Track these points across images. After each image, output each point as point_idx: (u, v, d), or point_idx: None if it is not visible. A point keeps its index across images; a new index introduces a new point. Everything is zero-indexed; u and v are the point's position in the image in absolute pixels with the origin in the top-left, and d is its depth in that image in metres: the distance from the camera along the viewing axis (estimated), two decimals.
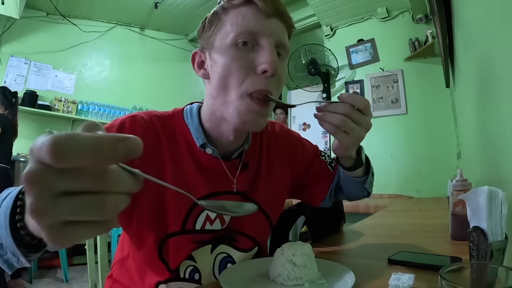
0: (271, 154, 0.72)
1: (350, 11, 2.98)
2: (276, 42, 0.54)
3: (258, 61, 0.53)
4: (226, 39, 0.54)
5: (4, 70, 3.22)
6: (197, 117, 0.63)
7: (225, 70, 0.53)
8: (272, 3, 0.54)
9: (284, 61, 0.59)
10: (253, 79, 0.53)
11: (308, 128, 3.47)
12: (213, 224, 0.63)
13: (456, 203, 0.77)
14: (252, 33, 0.53)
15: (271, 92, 0.54)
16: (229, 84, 0.54)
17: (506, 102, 0.58)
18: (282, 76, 0.57)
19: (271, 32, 0.54)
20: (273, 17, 0.55)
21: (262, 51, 0.53)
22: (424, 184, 2.51)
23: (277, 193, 0.73)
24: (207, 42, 0.58)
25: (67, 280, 2.53)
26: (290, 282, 0.51)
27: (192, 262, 0.63)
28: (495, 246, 0.43)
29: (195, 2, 3.69)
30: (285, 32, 0.58)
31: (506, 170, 0.62)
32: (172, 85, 4.32)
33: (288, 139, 0.77)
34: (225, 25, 0.55)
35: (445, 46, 1.63)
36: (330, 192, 0.77)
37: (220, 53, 0.55)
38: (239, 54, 0.53)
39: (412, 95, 2.72)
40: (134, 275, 0.65)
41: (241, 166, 0.66)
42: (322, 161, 0.79)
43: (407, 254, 0.64)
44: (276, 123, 0.79)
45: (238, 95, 0.53)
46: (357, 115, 0.54)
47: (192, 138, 0.62)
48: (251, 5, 0.54)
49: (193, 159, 0.61)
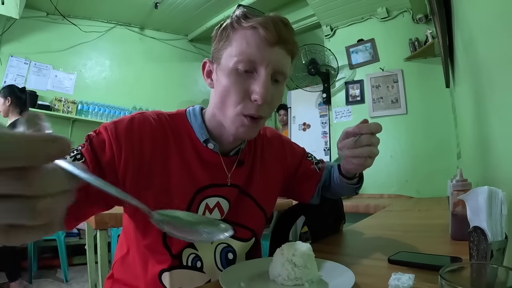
0: (264, 155, 0.79)
1: (350, 11, 2.98)
2: (273, 70, 0.59)
3: (253, 89, 0.58)
4: (229, 62, 0.58)
5: (4, 70, 3.22)
6: (200, 117, 0.69)
7: (225, 91, 0.60)
8: (277, 31, 0.57)
9: (281, 84, 0.63)
10: (247, 104, 0.59)
11: (308, 128, 3.47)
12: (212, 212, 0.67)
13: (456, 203, 0.77)
14: (252, 62, 0.57)
15: (261, 115, 0.61)
16: (227, 103, 0.60)
17: (505, 102, 0.58)
18: (276, 100, 0.63)
19: (269, 62, 0.58)
20: (275, 46, 0.58)
21: (257, 81, 0.58)
22: (424, 184, 2.51)
23: (270, 189, 0.79)
24: (216, 55, 0.62)
25: (67, 280, 2.53)
26: (290, 282, 0.51)
27: (194, 250, 0.66)
28: (495, 246, 0.43)
29: (195, 2, 3.69)
30: (286, 59, 0.61)
31: (506, 170, 0.62)
32: (172, 85, 4.33)
33: (279, 142, 0.84)
34: (232, 45, 0.59)
35: (445, 46, 1.63)
36: (317, 191, 0.84)
37: (223, 73, 0.60)
38: (238, 80, 0.58)
39: (412, 95, 2.72)
40: (137, 268, 0.66)
41: (237, 162, 0.71)
42: (309, 162, 0.86)
43: (407, 254, 0.64)
44: (267, 128, 0.86)
45: (234, 113, 0.60)
46: (375, 139, 0.63)
47: (195, 135, 0.67)
48: (257, 29, 0.57)
49: (196, 154, 0.66)
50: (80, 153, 0.56)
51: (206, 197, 0.66)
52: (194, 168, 0.65)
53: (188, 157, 0.65)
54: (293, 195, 0.89)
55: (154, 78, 4.21)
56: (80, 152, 0.56)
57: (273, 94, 0.60)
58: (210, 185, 0.67)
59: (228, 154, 0.70)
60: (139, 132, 0.61)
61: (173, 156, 0.64)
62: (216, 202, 0.67)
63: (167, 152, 0.64)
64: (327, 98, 3.22)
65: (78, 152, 0.56)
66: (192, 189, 0.64)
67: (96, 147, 0.57)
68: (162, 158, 0.63)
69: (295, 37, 0.62)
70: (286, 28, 0.59)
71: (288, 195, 0.89)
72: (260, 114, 0.60)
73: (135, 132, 0.61)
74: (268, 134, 0.83)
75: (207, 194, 0.66)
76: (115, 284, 0.71)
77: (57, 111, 3.40)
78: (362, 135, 0.61)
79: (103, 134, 0.59)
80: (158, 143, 0.63)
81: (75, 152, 0.56)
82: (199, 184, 0.65)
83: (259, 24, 0.56)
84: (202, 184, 0.66)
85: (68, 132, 3.55)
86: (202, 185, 0.65)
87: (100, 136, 0.59)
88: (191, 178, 0.65)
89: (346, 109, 3.10)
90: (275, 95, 0.61)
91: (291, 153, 0.84)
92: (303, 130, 3.48)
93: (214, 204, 0.67)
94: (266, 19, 0.57)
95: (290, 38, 0.60)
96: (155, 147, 0.62)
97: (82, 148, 0.57)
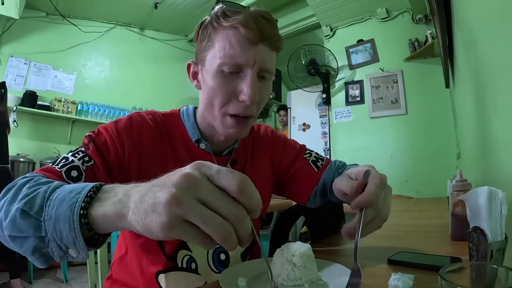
0: (255, 153, 0.77)
1: (350, 11, 2.98)
2: (259, 68, 0.58)
3: (240, 89, 0.58)
4: (214, 63, 0.58)
5: (4, 71, 3.22)
6: (193, 116, 0.69)
7: (211, 92, 0.59)
8: (258, 28, 0.55)
9: (268, 81, 0.62)
10: (234, 104, 0.59)
11: (308, 129, 3.47)
12: None
13: (456, 203, 0.77)
14: (237, 64, 0.56)
15: (250, 114, 0.61)
16: (215, 104, 0.60)
17: (505, 102, 0.58)
18: (264, 98, 0.62)
19: (254, 61, 0.56)
20: (259, 43, 0.56)
21: (244, 81, 0.57)
22: (424, 184, 2.52)
23: (262, 188, 0.75)
24: (200, 57, 0.62)
25: (66, 281, 2.53)
26: (290, 283, 0.51)
27: (188, 251, 0.66)
28: (495, 246, 0.43)
29: (195, 2, 3.69)
30: (271, 55, 0.60)
31: (506, 170, 0.62)
32: (172, 85, 4.33)
33: (270, 138, 0.81)
34: (214, 46, 0.58)
35: (445, 46, 1.63)
36: (314, 193, 0.76)
37: (209, 75, 0.59)
38: (224, 82, 0.58)
39: (412, 95, 2.72)
40: (134, 269, 0.66)
41: (230, 162, 0.71)
42: (304, 159, 0.79)
43: (407, 254, 0.64)
44: (262, 125, 0.84)
45: (221, 114, 0.60)
46: (382, 196, 0.52)
47: (187, 135, 0.68)
48: (238, 29, 0.55)
49: (188, 154, 0.67)
50: (88, 156, 0.55)
51: None
52: None
53: (181, 157, 0.66)
54: (289, 194, 0.83)
55: (154, 78, 4.21)
56: (86, 154, 0.56)
57: (261, 92, 0.59)
58: None
59: (221, 154, 0.70)
60: (138, 130, 0.62)
61: (168, 156, 0.65)
62: None
63: (163, 151, 0.65)
64: (327, 98, 3.22)
65: (84, 154, 0.56)
66: None
67: (100, 147, 0.58)
68: (159, 156, 0.64)
69: (278, 31, 0.60)
70: (268, 23, 0.57)
71: (284, 194, 0.84)
72: (249, 113, 0.60)
73: (134, 130, 0.62)
74: (261, 131, 0.81)
75: None
76: (114, 285, 0.71)
77: (57, 111, 3.40)
78: (367, 209, 0.50)
79: (103, 134, 0.59)
80: (154, 142, 0.64)
81: (80, 154, 0.55)
82: None
83: (239, 24, 0.55)
84: None
85: (68, 132, 3.55)
86: None
87: (101, 136, 0.59)
88: None
89: (346, 110, 3.10)
90: (262, 92, 0.60)
91: (282, 149, 0.80)
92: (303, 130, 3.48)
93: None
94: (246, 16, 0.55)
95: (273, 34, 0.58)
96: (152, 146, 0.63)
97: (87, 150, 0.56)
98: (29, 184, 0.41)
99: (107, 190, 0.35)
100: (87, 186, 0.35)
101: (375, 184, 0.51)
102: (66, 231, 0.34)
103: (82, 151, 0.56)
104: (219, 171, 0.30)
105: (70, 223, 0.33)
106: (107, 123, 0.62)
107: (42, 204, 0.36)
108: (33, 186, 0.40)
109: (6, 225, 0.38)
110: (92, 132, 0.60)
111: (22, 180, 0.44)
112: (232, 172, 0.30)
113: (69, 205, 0.34)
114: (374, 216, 0.52)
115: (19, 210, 0.36)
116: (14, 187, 0.42)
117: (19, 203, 0.37)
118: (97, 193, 0.35)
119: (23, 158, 2.99)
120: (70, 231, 0.34)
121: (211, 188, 0.29)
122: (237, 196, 0.29)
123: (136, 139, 0.61)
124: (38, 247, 0.36)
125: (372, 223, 0.52)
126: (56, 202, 0.35)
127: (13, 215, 0.37)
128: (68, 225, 0.34)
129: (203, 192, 0.29)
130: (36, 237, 0.36)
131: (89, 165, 0.55)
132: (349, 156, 2.99)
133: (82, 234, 0.34)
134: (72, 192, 0.35)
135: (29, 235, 0.36)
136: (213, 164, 0.30)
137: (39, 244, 0.36)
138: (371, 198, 0.50)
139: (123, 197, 0.33)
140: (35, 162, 3.09)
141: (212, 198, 0.29)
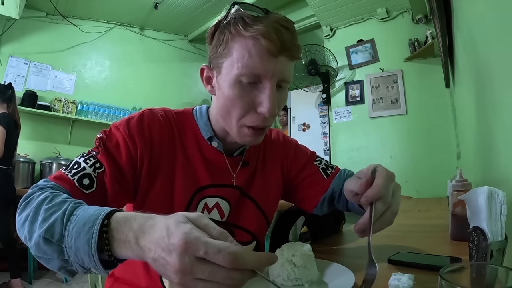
0: (266, 157, 0.77)
1: (350, 11, 2.98)
2: (279, 80, 0.57)
3: (258, 101, 0.56)
4: (231, 72, 0.56)
5: (4, 71, 3.22)
6: (206, 115, 0.69)
7: (228, 101, 0.58)
8: (280, 39, 0.53)
9: (284, 90, 0.61)
10: (252, 116, 0.58)
11: (308, 129, 3.47)
12: (211, 213, 0.66)
13: (456, 203, 0.77)
14: (256, 75, 0.55)
15: (267, 126, 0.61)
16: (232, 114, 0.59)
17: (505, 102, 0.58)
18: (280, 106, 0.61)
19: (274, 73, 0.55)
20: (279, 55, 0.54)
21: (263, 94, 0.56)
22: (424, 184, 2.51)
23: (271, 192, 0.77)
24: (215, 63, 0.60)
25: (66, 281, 2.53)
26: (290, 283, 0.51)
27: None
28: (495, 246, 0.43)
29: (195, 2, 3.69)
30: (290, 65, 0.58)
31: (505, 170, 0.62)
32: (172, 86, 4.33)
33: (282, 142, 0.81)
34: (232, 54, 0.55)
35: (445, 46, 1.63)
36: (322, 200, 0.76)
37: (225, 84, 0.57)
38: (242, 93, 0.56)
39: (412, 95, 2.72)
40: (138, 268, 0.66)
41: (242, 163, 0.71)
42: (315, 166, 0.79)
43: (407, 254, 0.64)
44: (273, 130, 0.84)
45: (238, 125, 0.59)
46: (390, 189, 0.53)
47: (200, 133, 0.68)
48: (259, 40, 0.53)
49: (199, 151, 0.67)
50: (98, 162, 0.56)
51: (205, 197, 0.66)
52: (196, 167, 0.66)
53: (192, 155, 0.66)
54: (296, 201, 0.83)
55: (154, 78, 4.21)
56: (98, 160, 0.56)
57: (278, 101, 0.58)
58: (211, 185, 0.66)
59: (233, 154, 0.70)
60: (149, 128, 0.62)
61: (178, 153, 0.65)
62: (215, 202, 0.67)
63: (173, 149, 0.65)
64: (327, 98, 3.22)
65: (95, 160, 0.56)
66: (192, 187, 0.65)
67: (112, 150, 0.58)
68: (169, 154, 0.64)
69: (297, 40, 0.58)
70: (289, 32, 0.55)
71: (291, 200, 0.84)
72: (266, 124, 0.60)
73: (145, 127, 0.62)
74: (273, 135, 0.81)
75: (206, 194, 0.66)
76: (116, 283, 0.71)
77: (57, 112, 3.40)
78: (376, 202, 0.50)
79: (115, 134, 0.59)
80: (165, 139, 0.64)
81: (92, 161, 0.55)
82: (199, 183, 0.65)
83: (260, 35, 0.53)
84: (202, 183, 0.66)
85: (68, 133, 3.55)
86: (202, 184, 0.65)
87: (113, 137, 0.59)
88: (192, 176, 0.65)
89: (346, 110, 3.10)
90: (279, 101, 0.59)
91: (293, 154, 0.80)
92: (303, 130, 3.48)
93: (213, 204, 0.67)
94: (268, 27, 0.53)
95: (293, 44, 0.56)
96: (163, 143, 0.63)
97: (97, 155, 0.56)
98: (46, 205, 0.43)
99: (115, 228, 0.37)
100: (97, 220, 0.38)
101: (382, 178, 0.52)
102: (86, 260, 0.38)
103: (93, 156, 0.56)
104: (206, 253, 0.31)
105: (89, 256, 0.37)
106: (118, 122, 0.62)
107: (61, 233, 0.39)
108: (50, 208, 0.42)
109: (31, 246, 0.42)
110: (104, 132, 0.60)
111: (39, 193, 0.46)
112: (219, 252, 0.31)
113: (86, 240, 0.37)
114: (385, 210, 0.51)
115: (42, 237, 0.40)
116: (33, 201, 0.45)
117: (40, 229, 0.40)
118: (108, 227, 0.37)
119: (23, 158, 2.98)
120: (90, 262, 0.38)
121: (203, 270, 0.31)
122: (233, 269, 0.32)
123: (148, 138, 0.61)
124: (63, 266, 0.41)
125: (383, 217, 0.52)
126: (73, 234, 0.38)
127: (37, 240, 0.40)
128: (88, 257, 0.37)
129: (198, 274, 0.32)
130: (60, 259, 0.40)
131: (100, 171, 0.55)
132: (349, 156, 2.99)
133: (101, 263, 0.38)
134: (85, 226, 0.38)
135: (53, 258, 0.40)
136: (198, 244, 0.31)
137: (64, 264, 0.40)
138: (380, 191, 0.50)
139: (136, 247, 0.36)
140: (35, 162, 3.09)
141: (207, 275, 0.31)
